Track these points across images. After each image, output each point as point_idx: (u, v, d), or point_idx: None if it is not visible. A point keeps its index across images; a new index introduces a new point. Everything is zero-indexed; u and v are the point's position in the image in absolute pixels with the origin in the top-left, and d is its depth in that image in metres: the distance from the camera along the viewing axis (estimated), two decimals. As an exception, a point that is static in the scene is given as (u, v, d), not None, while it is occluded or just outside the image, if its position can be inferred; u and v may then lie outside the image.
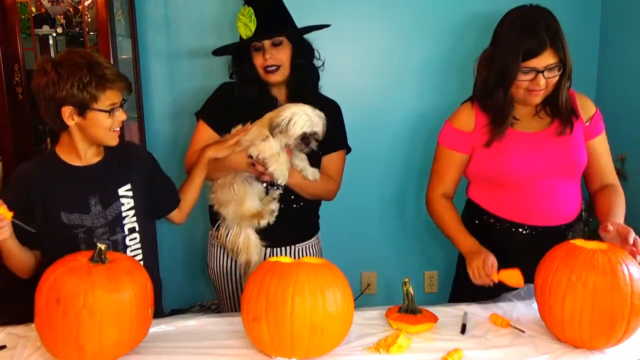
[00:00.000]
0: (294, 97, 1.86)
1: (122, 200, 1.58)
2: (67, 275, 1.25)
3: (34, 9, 2.35)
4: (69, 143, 1.53)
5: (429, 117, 2.71)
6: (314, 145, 1.75)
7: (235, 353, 1.35)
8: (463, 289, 1.83)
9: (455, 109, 2.68)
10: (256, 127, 1.78)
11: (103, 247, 1.31)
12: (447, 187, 1.81)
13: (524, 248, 1.69)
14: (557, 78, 1.60)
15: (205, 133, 1.89)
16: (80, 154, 1.54)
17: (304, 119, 1.71)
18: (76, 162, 1.54)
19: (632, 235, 1.42)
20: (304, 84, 1.88)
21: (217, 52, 1.95)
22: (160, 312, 1.76)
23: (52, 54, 2.47)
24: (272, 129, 1.72)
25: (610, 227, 1.46)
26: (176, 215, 1.76)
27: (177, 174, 1.87)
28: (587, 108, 1.73)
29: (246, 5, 1.81)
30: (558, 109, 1.67)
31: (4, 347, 1.37)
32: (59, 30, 2.39)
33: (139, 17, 2.56)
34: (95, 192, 1.54)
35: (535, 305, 1.52)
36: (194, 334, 1.45)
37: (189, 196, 1.77)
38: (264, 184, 1.84)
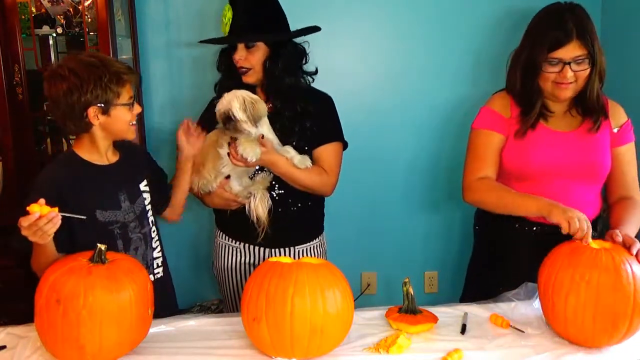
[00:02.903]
0: (271, 101, 1.83)
1: (144, 195, 1.65)
2: (67, 276, 1.26)
3: (34, 9, 2.35)
4: (89, 143, 1.55)
5: (433, 118, 2.72)
6: (239, 127, 1.68)
7: (235, 353, 1.35)
8: (478, 287, 1.84)
9: (457, 108, 2.70)
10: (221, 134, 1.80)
11: (103, 247, 1.31)
12: (487, 171, 1.72)
13: (532, 246, 1.68)
14: (586, 72, 1.61)
15: None
16: (102, 152, 1.58)
17: (220, 103, 1.71)
18: (99, 162, 1.58)
19: (637, 246, 1.40)
20: (279, 91, 1.81)
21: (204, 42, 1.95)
22: (174, 306, 1.80)
23: (52, 54, 2.48)
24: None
25: (619, 236, 1.44)
26: (168, 211, 1.80)
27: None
28: (618, 115, 1.74)
29: (228, 3, 1.79)
30: (586, 104, 1.67)
31: (4, 347, 1.37)
32: (59, 30, 2.38)
33: (139, 17, 2.56)
34: (123, 188, 1.59)
35: (535, 304, 1.52)
36: (194, 334, 1.45)
37: (175, 194, 1.79)
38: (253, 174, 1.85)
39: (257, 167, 1.84)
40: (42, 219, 1.28)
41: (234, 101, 1.68)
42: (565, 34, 1.57)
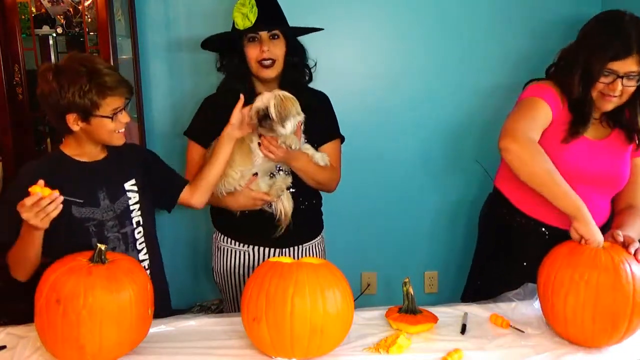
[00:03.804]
0: None
1: (129, 194, 1.62)
2: (67, 276, 1.26)
3: (34, 9, 2.35)
4: (75, 142, 1.56)
5: (433, 117, 2.72)
6: (274, 125, 1.65)
7: (235, 353, 1.35)
8: (481, 282, 1.84)
9: (458, 108, 2.67)
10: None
11: (103, 247, 1.31)
12: (536, 135, 1.59)
13: (541, 248, 1.64)
14: (633, 89, 1.58)
15: (195, 151, 1.87)
16: (87, 151, 1.57)
17: (259, 100, 1.67)
18: (83, 159, 1.58)
19: (635, 246, 1.40)
20: (296, 84, 1.84)
21: (207, 44, 1.90)
22: (168, 308, 1.77)
23: (52, 55, 2.47)
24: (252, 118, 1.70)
25: (620, 236, 1.44)
26: (188, 195, 1.71)
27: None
28: None
29: None
30: (633, 125, 1.65)
31: (4, 347, 1.37)
32: (59, 30, 2.38)
33: (139, 17, 2.56)
34: (103, 186, 1.58)
35: (535, 304, 1.52)
36: (194, 334, 1.45)
37: (208, 172, 1.70)
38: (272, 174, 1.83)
39: (276, 166, 1.84)
40: (44, 199, 1.29)
41: (272, 100, 1.66)
42: (626, 48, 1.52)
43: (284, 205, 1.81)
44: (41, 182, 1.31)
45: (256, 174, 1.80)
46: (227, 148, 1.70)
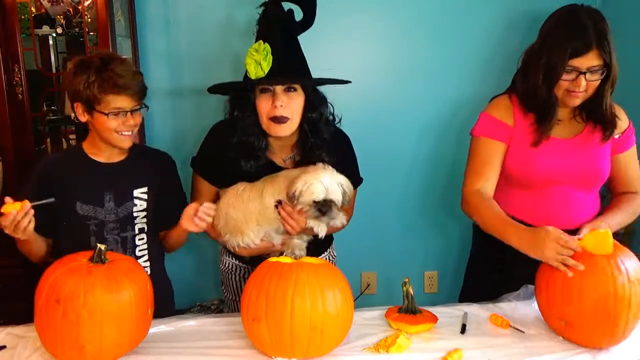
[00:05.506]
0: (301, 159, 1.67)
1: (136, 201, 1.62)
2: (67, 276, 1.26)
3: (34, 9, 2.35)
4: (92, 139, 1.60)
5: (435, 118, 2.72)
6: (334, 214, 1.57)
7: (235, 353, 1.35)
8: (476, 287, 1.84)
9: (460, 109, 2.68)
10: (268, 188, 1.62)
11: (103, 247, 1.31)
12: (487, 181, 1.69)
13: None
14: (598, 82, 1.58)
15: (202, 186, 1.74)
16: (102, 150, 1.59)
17: (317, 188, 1.52)
18: (99, 158, 1.60)
19: (583, 231, 1.45)
20: (314, 146, 1.63)
21: (215, 90, 1.70)
22: (171, 310, 1.76)
23: (52, 55, 2.48)
24: (290, 200, 1.56)
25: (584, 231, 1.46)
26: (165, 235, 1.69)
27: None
28: (620, 120, 1.70)
29: (261, 42, 1.57)
30: (599, 116, 1.64)
31: (4, 347, 1.37)
32: (59, 30, 2.39)
33: (139, 17, 2.56)
34: (111, 189, 1.59)
35: (535, 305, 1.52)
36: (194, 334, 1.45)
37: (171, 236, 1.68)
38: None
39: None
40: (19, 213, 1.34)
41: (339, 189, 1.55)
42: (585, 43, 1.51)
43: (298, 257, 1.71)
44: (9, 199, 1.35)
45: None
46: (181, 236, 1.66)
